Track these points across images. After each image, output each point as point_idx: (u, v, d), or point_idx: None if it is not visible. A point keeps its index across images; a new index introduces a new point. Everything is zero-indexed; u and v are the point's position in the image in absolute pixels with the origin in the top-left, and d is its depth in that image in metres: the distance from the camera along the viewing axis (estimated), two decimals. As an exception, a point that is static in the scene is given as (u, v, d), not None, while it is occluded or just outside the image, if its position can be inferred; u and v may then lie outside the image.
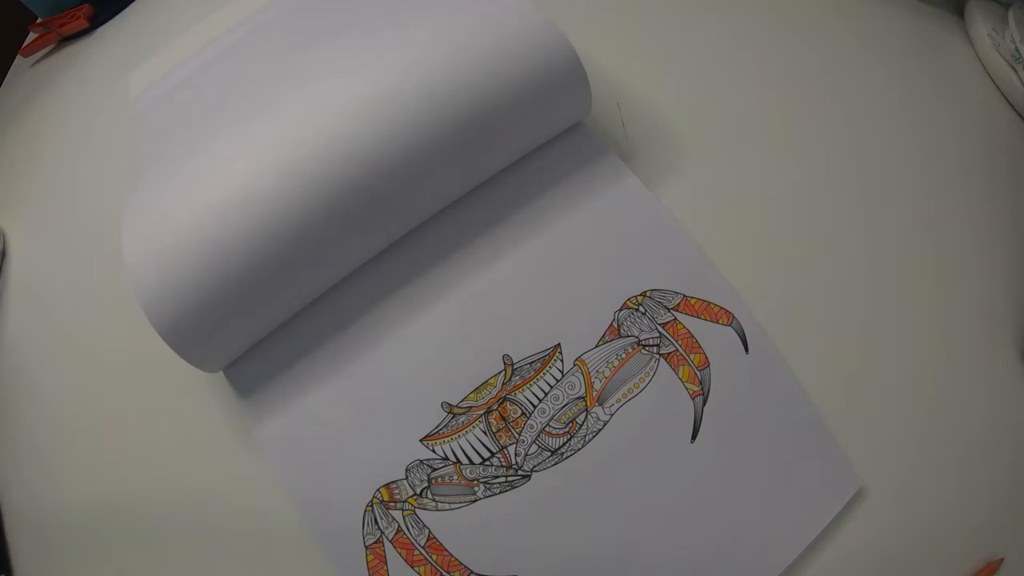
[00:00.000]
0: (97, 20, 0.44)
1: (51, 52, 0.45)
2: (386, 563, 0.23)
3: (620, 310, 0.26)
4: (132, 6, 0.44)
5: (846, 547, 0.24)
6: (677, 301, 0.26)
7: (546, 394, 0.25)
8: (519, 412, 0.25)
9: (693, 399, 0.25)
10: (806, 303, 0.27)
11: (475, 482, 0.24)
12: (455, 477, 0.24)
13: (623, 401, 0.25)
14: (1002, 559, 0.24)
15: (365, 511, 0.24)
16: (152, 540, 0.26)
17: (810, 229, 0.28)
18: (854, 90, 0.32)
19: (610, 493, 0.24)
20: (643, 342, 0.26)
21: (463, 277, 0.27)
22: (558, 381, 0.25)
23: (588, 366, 0.25)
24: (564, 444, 0.25)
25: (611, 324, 0.26)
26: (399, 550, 0.24)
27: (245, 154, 0.24)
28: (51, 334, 0.32)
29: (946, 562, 0.24)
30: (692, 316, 0.26)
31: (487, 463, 0.24)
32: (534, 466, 0.24)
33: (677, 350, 0.25)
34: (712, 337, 0.26)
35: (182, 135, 0.28)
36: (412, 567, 0.23)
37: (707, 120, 0.31)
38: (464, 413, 0.25)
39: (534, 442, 0.25)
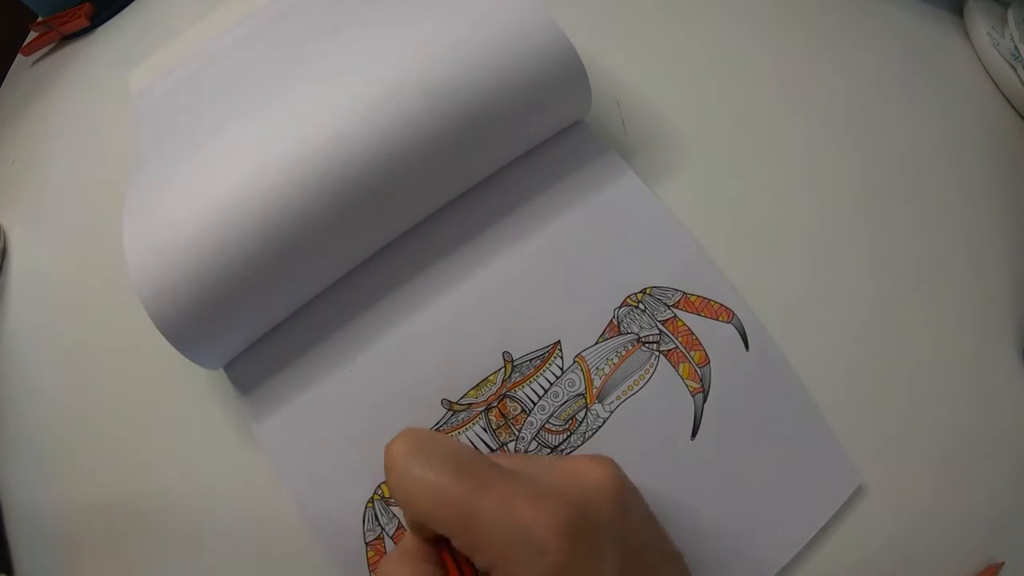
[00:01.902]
0: (98, 19, 0.44)
1: (52, 51, 0.45)
2: (386, 560, 0.23)
3: (620, 307, 0.26)
4: (133, 4, 0.44)
5: (845, 544, 0.24)
6: (677, 298, 0.26)
7: (546, 391, 0.25)
8: (519, 409, 0.25)
9: (693, 396, 0.25)
10: (806, 300, 0.27)
11: (475, 479, 0.24)
12: (455, 474, 0.24)
13: (623, 398, 0.25)
14: (1003, 563, 0.24)
15: (366, 507, 0.24)
16: (152, 537, 0.26)
17: (810, 226, 0.29)
18: (853, 89, 0.32)
19: (610, 490, 0.24)
20: (643, 339, 0.26)
21: (463, 274, 0.27)
22: (558, 378, 0.25)
23: (588, 363, 0.25)
24: (564, 441, 0.25)
25: (611, 321, 0.26)
26: (399, 547, 0.24)
27: (245, 151, 0.24)
28: (52, 332, 0.32)
29: (946, 562, 0.24)
30: (692, 313, 0.26)
31: (487, 460, 0.24)
32: (534, 463, 0.24)
33: (677, 347, 0.25)
34: (712, 334, 0.26)
35: (182, 133, 0.28)
36: (412, 564, 0.23)
37: (706, 118, 0.31)
38: (464, 410, 0.25)
39: (534, 439, 0.25)
